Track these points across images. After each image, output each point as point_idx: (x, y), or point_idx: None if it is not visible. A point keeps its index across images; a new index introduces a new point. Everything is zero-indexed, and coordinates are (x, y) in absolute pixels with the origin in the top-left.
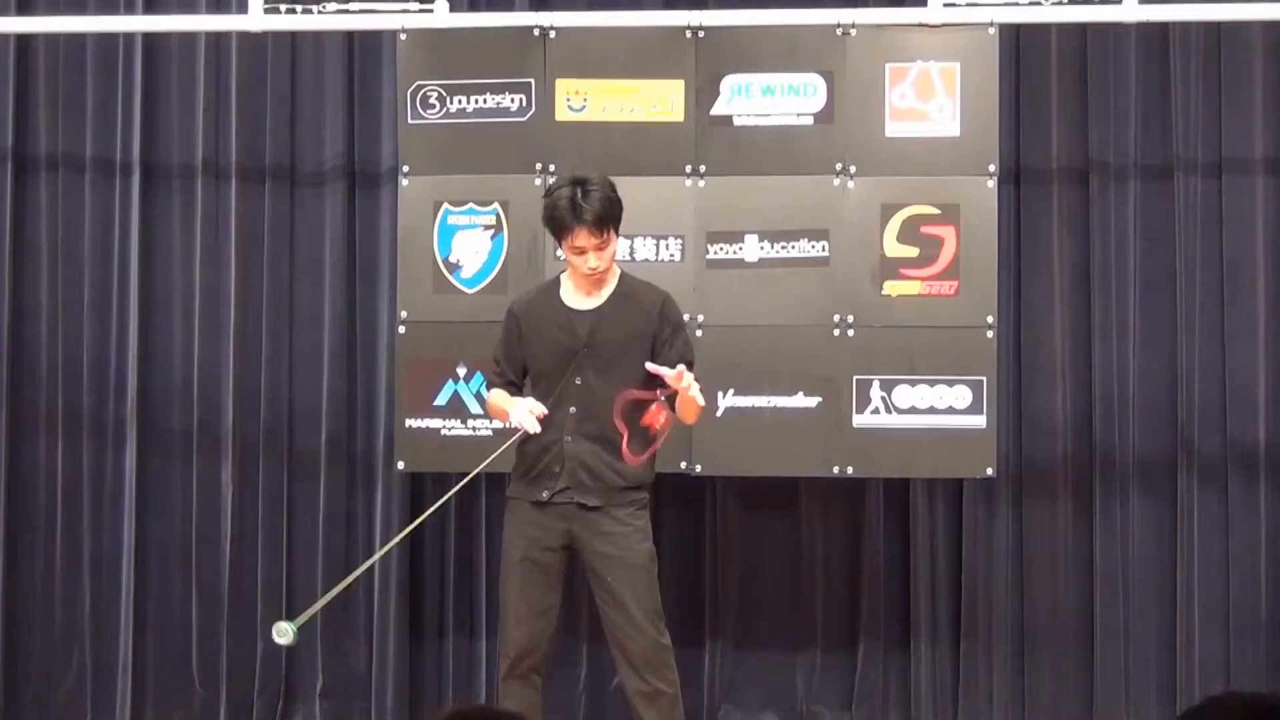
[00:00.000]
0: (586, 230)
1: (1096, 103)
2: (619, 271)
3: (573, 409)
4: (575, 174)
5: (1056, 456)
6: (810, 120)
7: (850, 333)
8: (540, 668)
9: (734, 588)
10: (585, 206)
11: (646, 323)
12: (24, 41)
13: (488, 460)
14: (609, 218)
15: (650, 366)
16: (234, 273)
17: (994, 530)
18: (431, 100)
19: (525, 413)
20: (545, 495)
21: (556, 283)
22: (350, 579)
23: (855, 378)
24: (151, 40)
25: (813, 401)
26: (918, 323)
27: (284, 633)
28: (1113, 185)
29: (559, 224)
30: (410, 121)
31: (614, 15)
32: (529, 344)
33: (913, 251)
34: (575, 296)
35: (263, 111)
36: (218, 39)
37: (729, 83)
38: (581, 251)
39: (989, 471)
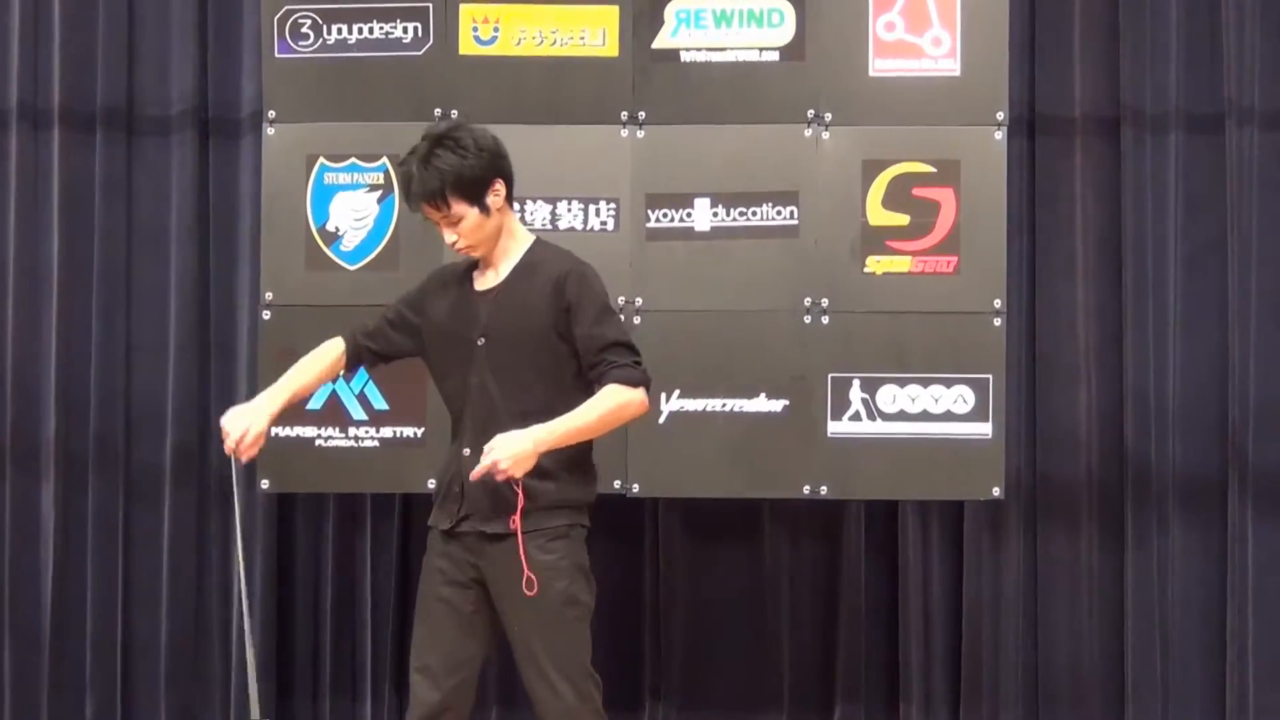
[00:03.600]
0: (422, 203)
1: (1130, 36)
2: (529, 239)
3: (471, 417)
4: (437, 127)
5: (1079, 473)
6: (775, 56)
7: (825, 319)
8: None
9: (679, 637)
10: (416, 176)
11: (542, 306)
12: None
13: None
14: (437, 191)
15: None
16: (57, 243)
17: (1002, 565)
18: (304, 29)
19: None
20: (448, 523)
21: None
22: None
23: (830, 376)
24: None
25: (778, 405)
26: (908, 307)
27: None
28: (1149, 138)
29: (402, 192)
30: (277, 55)
31: None
32: (425, 335)
33: (902, 219)
34: (485, 273)
35: (92, 42)
36: None
37: (674, 8)
38: (436, 224)
39: (996, 492)
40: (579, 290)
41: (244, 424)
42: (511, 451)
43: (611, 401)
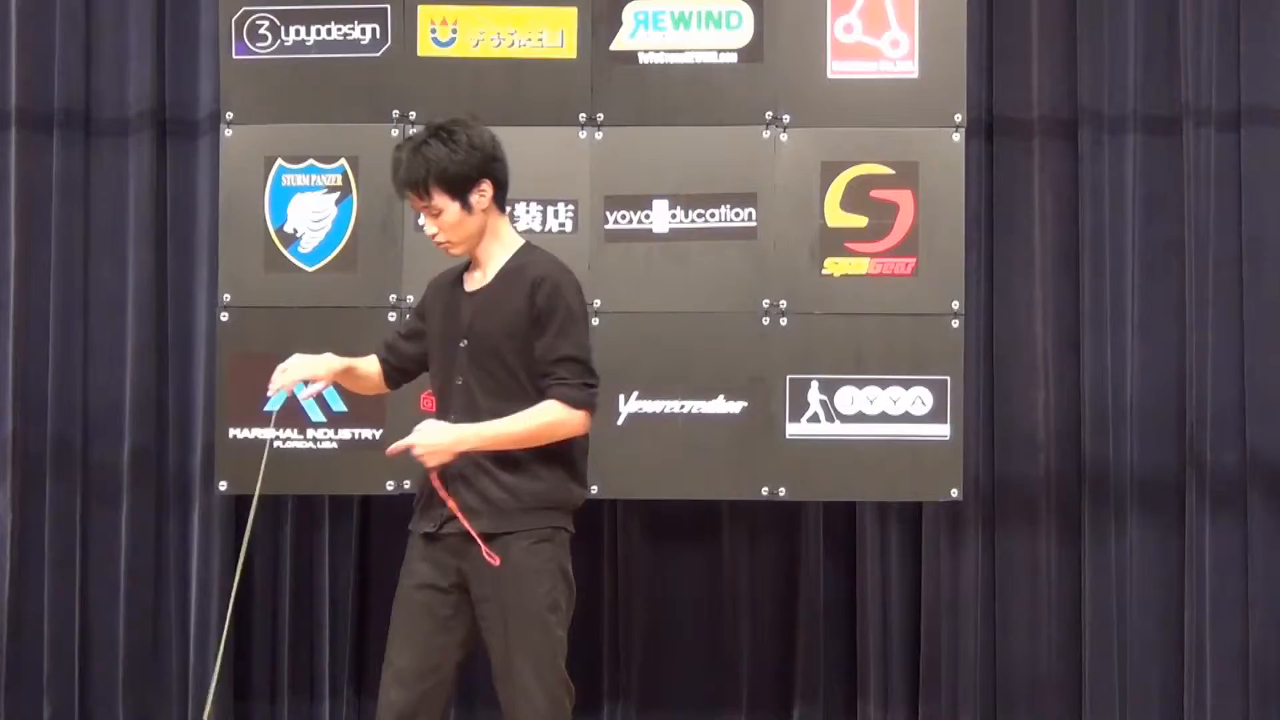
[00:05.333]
0: (406, 189)
1: (1088, 38)
2: (518, 243)
3: (453, 417)
4: (453, 117)
5: (1037, 475)
6: (734, 58)
7: (783, 321)
8: None
9: (639, 638)
10: (404, 162)
11: (520, 308)
12: None
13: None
14: (420, 179)
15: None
16: (13, 244)
17: (960, 566)
18: (262, 31)
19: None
20: (432, 526)
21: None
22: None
23: (789, 377)
24: None
25: (736, 407)
26: (866, 309)
27: None
28: (1107, 139)
29: (392, 178)
30: (235, 57)
31: None
32: (426, 332)
33: (860, 221)
34: (473, 275)
35: (50, 42)
36: None
37: (633, 10)
38: (419, 213)
39: (954, 494)
40: (549, 298)
41: (309, 368)
42: (428, 440)
43: (547, 417)
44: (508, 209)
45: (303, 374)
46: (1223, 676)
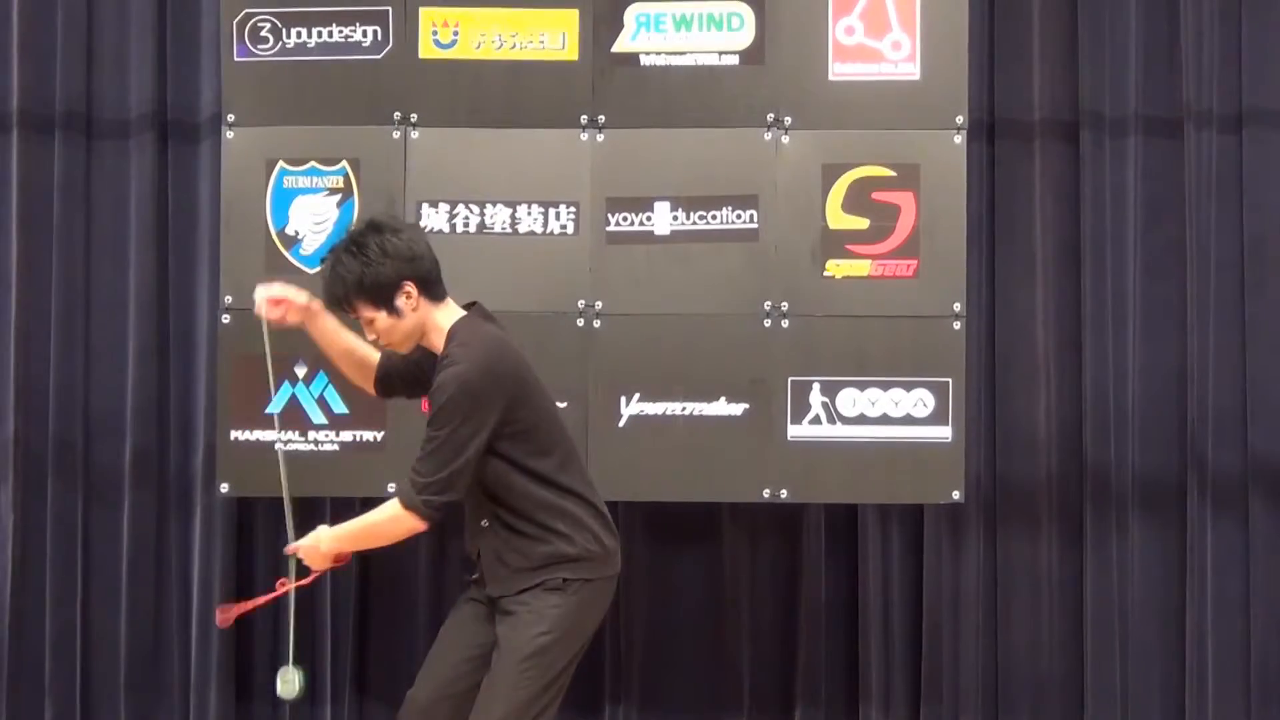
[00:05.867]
0: (332, 309)
1: (1089, 40)
2: (450, 325)
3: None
4: (368, 220)
5: (1039, 477)
6: (735, 60)
7: (784, 323)
8: None
9: (640, 640)
10: (324, 283)
11: None
12: None
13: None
14: (340, 297)
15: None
16: (15, 246)
17: (962, 568)
18: (263, 33)
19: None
20: (476, 574)
21: None
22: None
23: (790, 379)
24: None
25: (738, 409)
26: (868, 311)
27: (289, 682)
28: (1108, 142)
29: None
30: (236, 59)
31: None
32: None
33: (862, 223)
34: None
35: (51, 45)
36: None
37: (634, 12)
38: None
39: (956, 496)
40: (438, 386)
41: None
42: (306, 546)
43: (384, 515)
44: (506, 210)
45: (280, 293)
46: (1224, 678)
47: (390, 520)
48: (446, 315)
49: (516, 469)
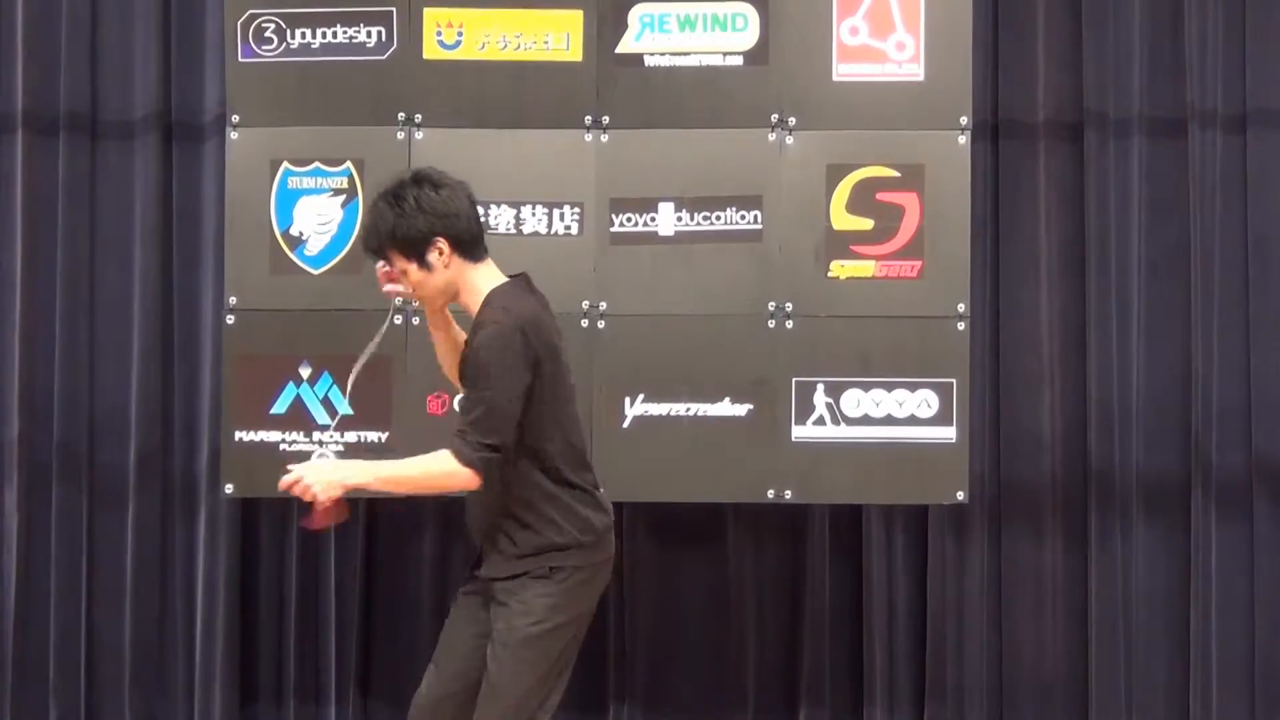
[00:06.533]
0: (368, 256)
1: (1093, 40)
2: (489, 288)
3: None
4: (414, 172)
5: (1043, 477)
6: (739, 60)
7: (789, 324)
8: None
9: (644, 640)
10: (361, 228)
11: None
12: None
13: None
14: (374, 246)
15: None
16: (20, 247)
17: (966, 568)
18: (268, 33)
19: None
20: (471, 569)
21: None
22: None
23: (795, 380)
24: None
25: (742, 409)
26: (872, 312)
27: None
28: (1112, 142)
29: None
30: (241, 60)
31: None
32: None
33: (866, 224)
34: None
35: (56, 46)
36: None
37: (639, 12)
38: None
39: (960, 496)
40: (474, 348)
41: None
42: (318, 472)
43: (439, 467)
44: (511, 211)
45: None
46: (1228, 678)
47: (445, 473)
48: (485, 278)
49: (521, 447)
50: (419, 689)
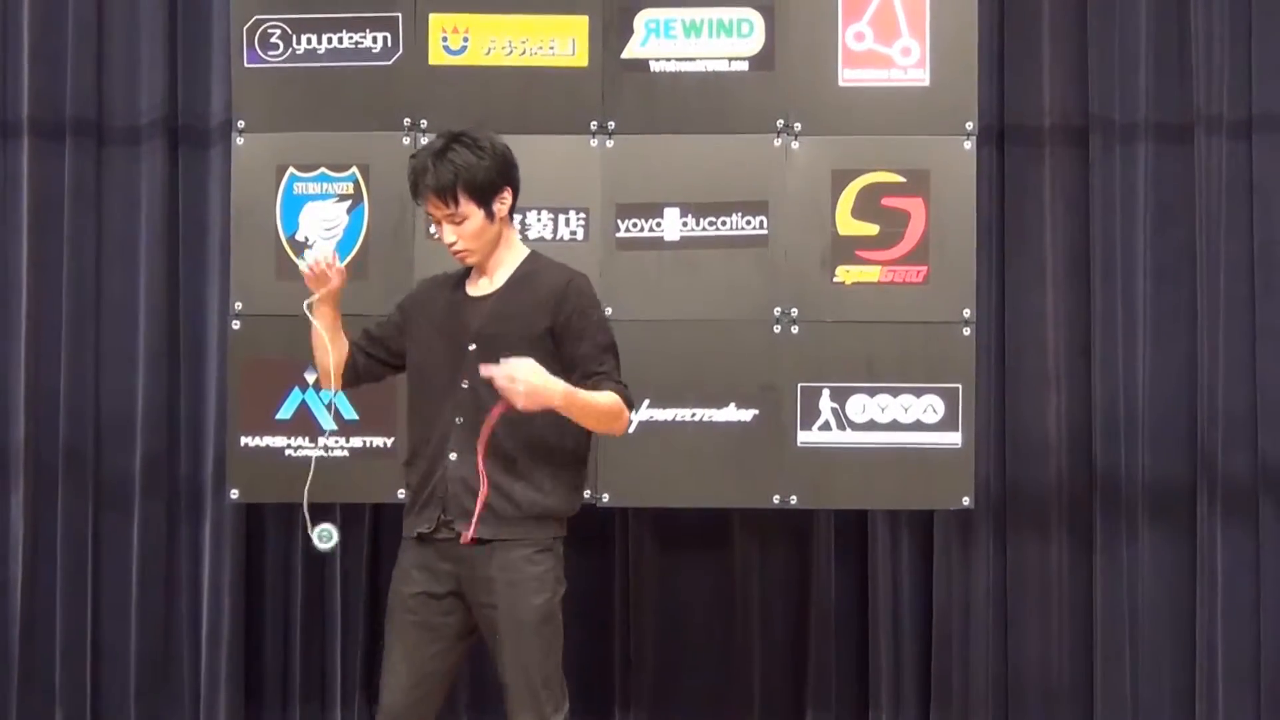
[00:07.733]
0: (431, 195)
1: (1099, 45)
2: (525, 251)
3: (458, 419)
4: (460, 130)
5: (1049, 482)
6: (745, 66)
7: (794, 329)
8: None
9: (650, 646)
10: (430, 168)
11: (540, 314)
12: None
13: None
14: (448, 186)
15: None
16: (26, 252)
17: (972, 574)
18: (273, 39)
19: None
20: (427, 527)
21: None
22: None
23: (800, 385)
24: None
25: (747, 415)
26: (878, 317)
27: (328, 536)
28: (1118, 147)
29: (410, 184)
30: (246, 65)
31: None
32: (408, 338)
33: (871, 229)
34: (478, 281)
35: (62, 50)
36: None
37: (644, 18)
38: (436, 221)
39: (966, 501)
40: (580, 302)
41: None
42: (535, 381)
43: (616, 407)
44: (517, 217)
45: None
46: (1234, 683)
47: (617, 414)
48: (517, 237)
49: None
50: (383, 700)
